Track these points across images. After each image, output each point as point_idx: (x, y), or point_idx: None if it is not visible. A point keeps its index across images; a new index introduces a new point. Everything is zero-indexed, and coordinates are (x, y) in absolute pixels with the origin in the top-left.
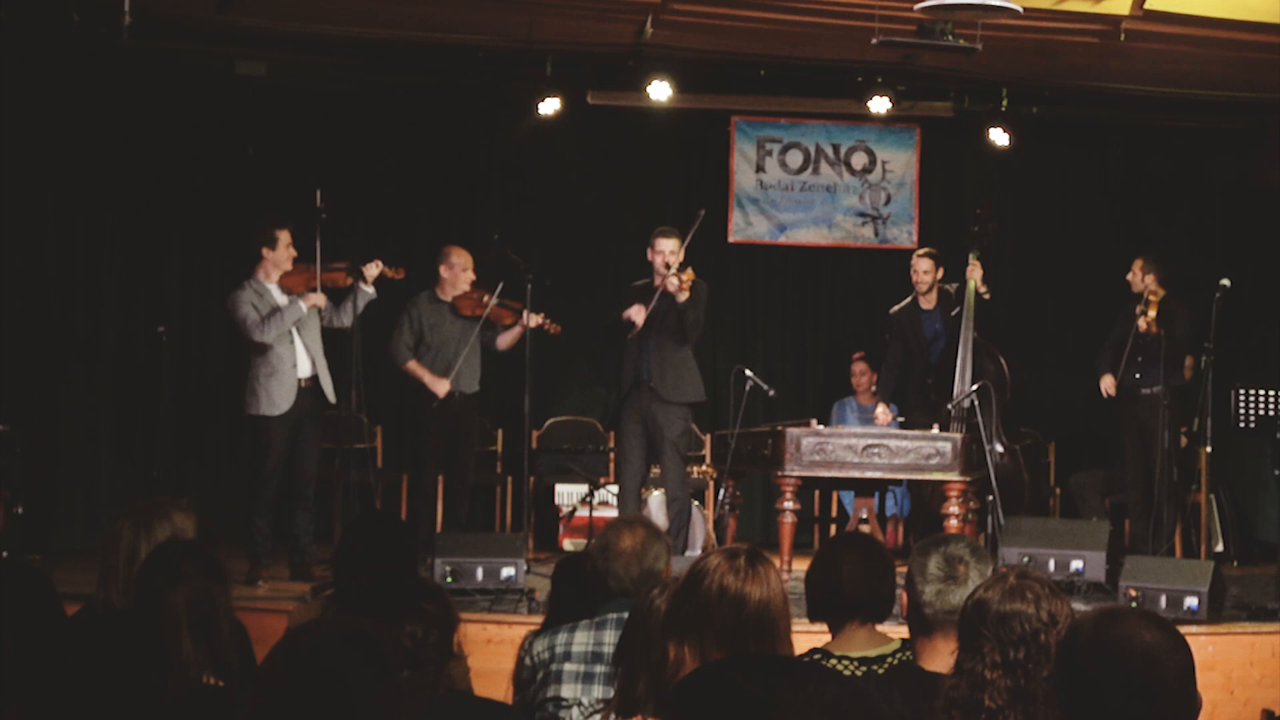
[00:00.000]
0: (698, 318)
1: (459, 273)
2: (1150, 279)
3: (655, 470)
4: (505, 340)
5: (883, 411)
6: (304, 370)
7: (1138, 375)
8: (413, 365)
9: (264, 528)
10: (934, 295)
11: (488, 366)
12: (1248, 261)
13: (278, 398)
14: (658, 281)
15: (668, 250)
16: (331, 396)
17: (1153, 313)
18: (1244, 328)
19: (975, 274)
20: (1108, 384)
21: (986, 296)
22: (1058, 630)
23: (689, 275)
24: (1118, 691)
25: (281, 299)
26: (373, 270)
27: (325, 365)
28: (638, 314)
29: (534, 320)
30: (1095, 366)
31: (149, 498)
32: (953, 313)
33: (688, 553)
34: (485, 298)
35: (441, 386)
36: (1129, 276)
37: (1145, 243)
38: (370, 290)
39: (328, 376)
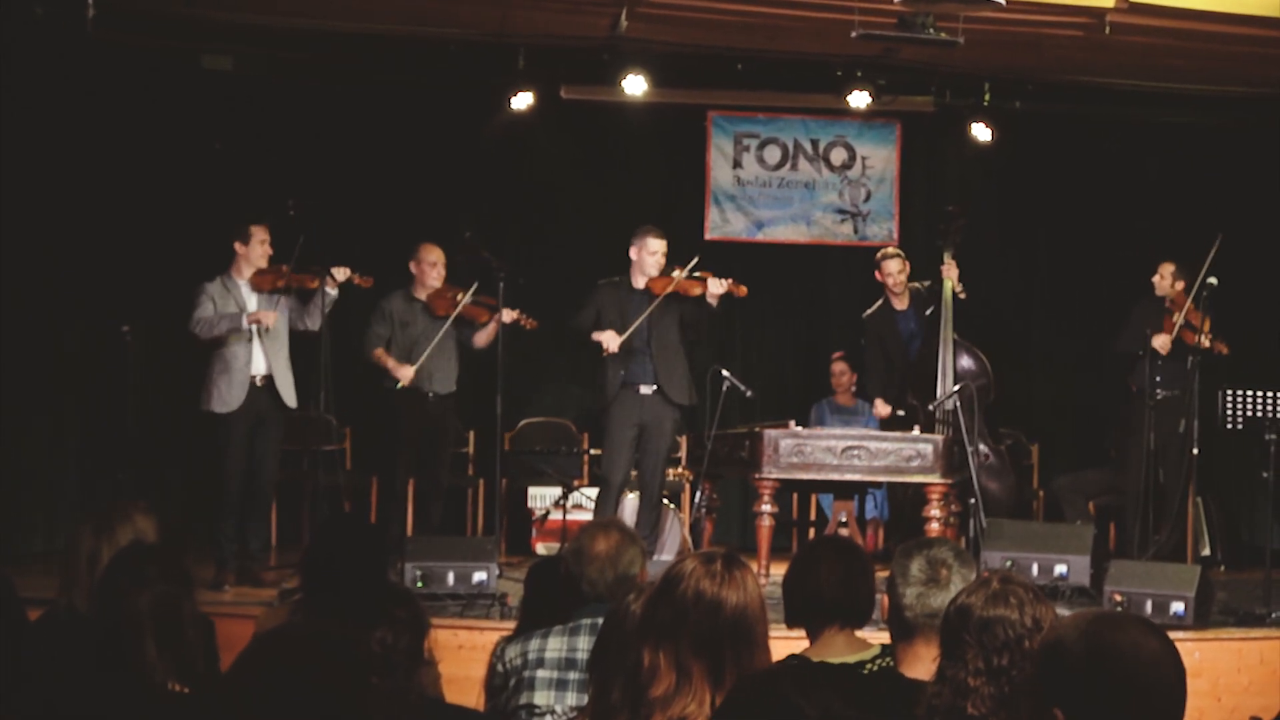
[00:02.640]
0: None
1: (428, 269)
2: (1180, 285)
3: (633, 473)
4: (482, 338)
5: (881, 404)
6: (259, 369)
7: (1158, 379)
8: (379, 353)
9: (229, 531)
10: (906, 295)
11: (461, 366)
12: (1238, 259)
13: (229, 395)
14: (642, 283)
15: (661, 250)
16: (290, 400)
17: (1205, 325)
18: (1232, 327)
19: (951, 273)
20: (1161, 341)
21: (962, 296)
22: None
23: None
24: (1116, 701)
25: (250, 296)
26: (340, 274)
27: (286, 368)
28: (611, 341)
29: (509, 316)
30: (1120, 361)
31: (112, 501)
32: (927, 312)
33: (661, 557)
34: (458, 296)
35: (405, 372)
36: (1154, 279)
37: (1132, 241)
38: (333, 292)
39: (287, 379)
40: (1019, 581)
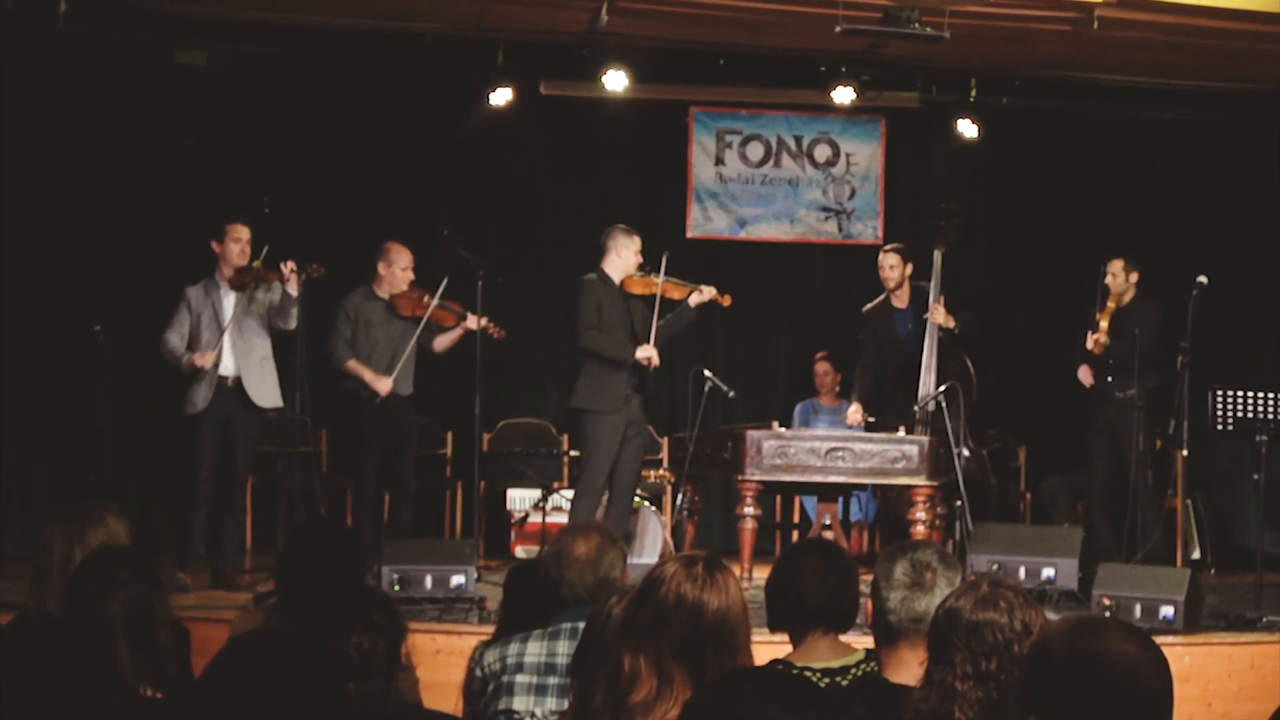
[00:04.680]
0: None
1: (397, 271)
2: (1134, 277)
3: None
4: (443, 342)
5: (855, 411)
6: (226, 369)
7: (1109, 379)
8: (353, 364)
9: (195, 530)
10: (906, 293)
11: (437, 366)
12: (1230, 259)
13: (196, 397)
14: (618, 281)
15: (640, 249)
16: (264, 401)
17: (1105, 323)
18: (1223, 326)
19: (937, 315)
20: (1084, 374)
21: (956, 330)
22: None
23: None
24: (1098, 706)
25: (228, 296)
26: (287, 268)
27: (260, 367)
28: (654, 353)
29: (478, 323)
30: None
31: (84, 503)
32: (925, 314)
33: (642, 559)
34: (425, 298)
35: (383, 384)
36: (1107, 280)
37: (1121, 239)
38: (293, 291)
39: (260, 379)
40: (1008, 585)
